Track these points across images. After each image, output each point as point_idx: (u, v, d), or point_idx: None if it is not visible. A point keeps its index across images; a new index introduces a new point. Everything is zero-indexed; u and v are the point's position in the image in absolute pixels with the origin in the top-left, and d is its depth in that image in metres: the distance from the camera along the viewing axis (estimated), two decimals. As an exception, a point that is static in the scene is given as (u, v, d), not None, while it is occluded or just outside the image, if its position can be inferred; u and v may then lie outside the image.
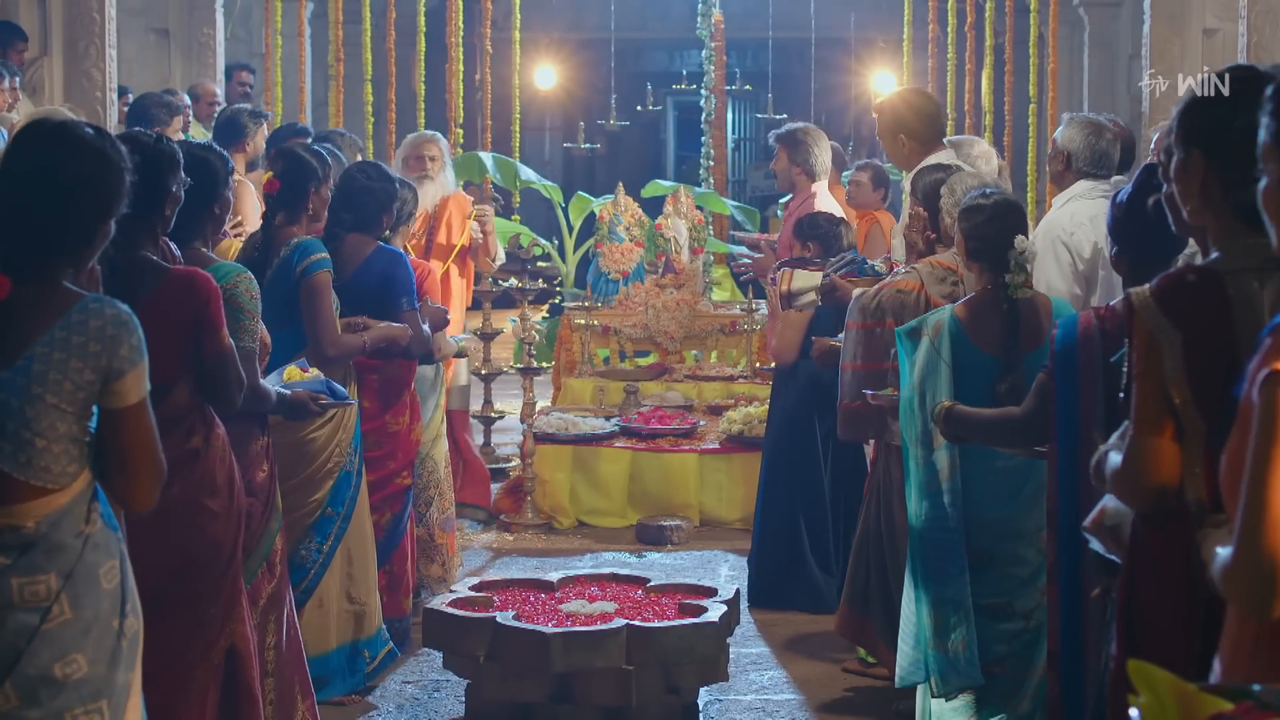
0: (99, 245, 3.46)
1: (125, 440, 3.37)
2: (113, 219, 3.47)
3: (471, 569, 7.92)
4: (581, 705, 5.58)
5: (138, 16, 12.32)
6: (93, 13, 9.53)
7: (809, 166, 8.14)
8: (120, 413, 3.34)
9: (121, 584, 3.43)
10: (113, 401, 3.33)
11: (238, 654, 4.43)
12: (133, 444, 3.37)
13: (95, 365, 3.28)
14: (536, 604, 5.86)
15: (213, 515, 4.36)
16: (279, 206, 5.91)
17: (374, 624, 6.14)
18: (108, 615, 3.38)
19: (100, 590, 3.37)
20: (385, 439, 6.41)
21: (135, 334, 3.33)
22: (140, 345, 3.34)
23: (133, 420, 3.36)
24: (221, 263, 4.94)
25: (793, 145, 8.15)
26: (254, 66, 13.63)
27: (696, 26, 13.81)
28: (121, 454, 3.37)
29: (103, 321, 3.29)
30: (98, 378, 3.29)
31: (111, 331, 3.29)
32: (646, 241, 10.95)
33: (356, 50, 13.00)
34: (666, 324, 10.56)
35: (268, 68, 12.35)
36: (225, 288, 4.82)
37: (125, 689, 3.41)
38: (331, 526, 5.99)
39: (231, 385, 4.36)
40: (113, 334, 3.29)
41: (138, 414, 3.36)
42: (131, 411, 3.35)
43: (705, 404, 9.95)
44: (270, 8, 12.23)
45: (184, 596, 4.29)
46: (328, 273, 5.89)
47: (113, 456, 3.38)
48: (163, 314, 4.13)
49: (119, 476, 3.40)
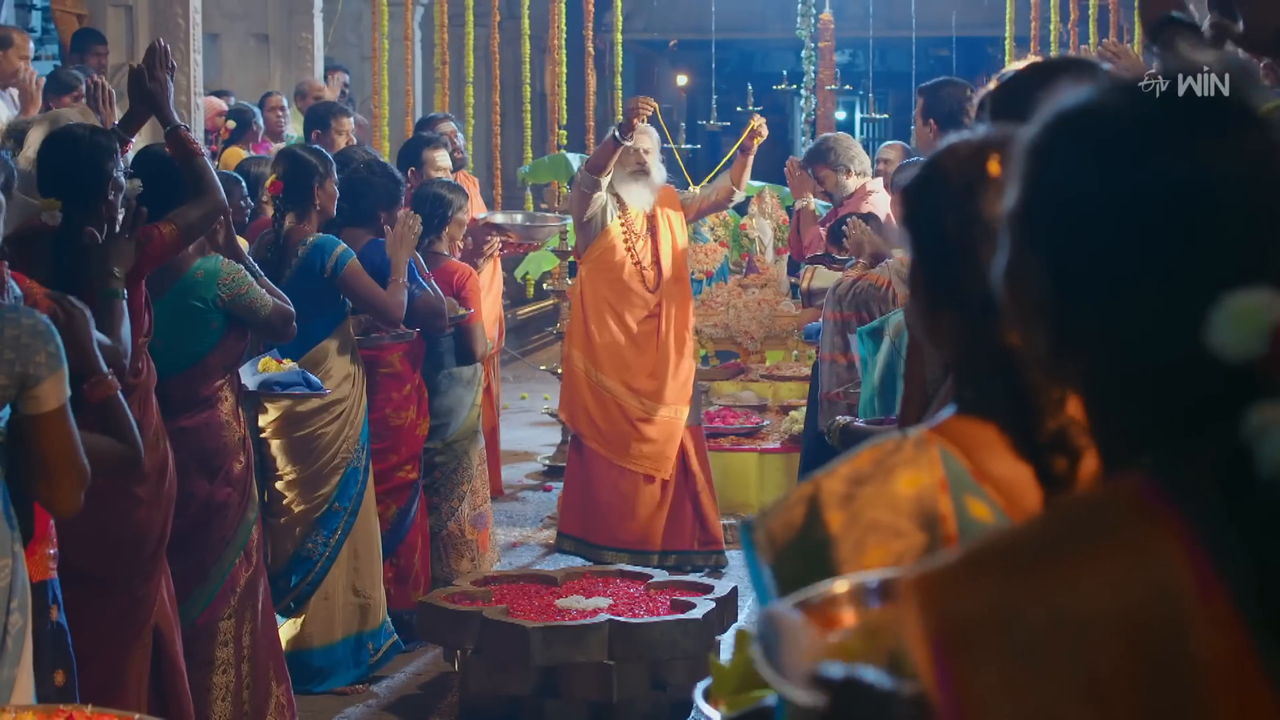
0: None
1: (46, 446, 3.45)
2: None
3: (520, 565, 7.99)
4: (566, 700, 5.64)
5: (238, 21, 12.65)
6: (178, 19, 9.81)
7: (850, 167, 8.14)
8: (40, 419, 3.43)
9: (12, 582, 3.52)
10: (32, 407, 3.42)
11: (159, 631, 4.61)
12: (53, 449, 3.46)
13: (9, 371, 3.37)
14: (534, 599, 5.93)
15: (138, 500, 4.52)
16: (287, 207, 6.08)
17: (379, 617, 6.26)
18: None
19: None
20: (387, 432, 6.52)
21: (53, 342, 3.42)
22: (59, 353, 3.42)
23: (53, 426, 3.45)
24: (200, 260, 5.09)
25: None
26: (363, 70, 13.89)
27: (797, 27, 13.77)
28: (43, 460, 3.46)
29: (18, 330, 3.39)
30: (11, 383, 3.38)
31: (26, 340, 3.38)
32: (731, 241, 10.96)
33: (461, 53, 13.20)
34: (747, 324, 10.55)
35: (374, 71, 12.59)
36: (219, 294, 5.03)
37: (8, 684, 3.51)
38: (338, 521, 6.12)
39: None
40: (28, 342, 3.38)
41: (58, 420, 3.45)
42: (51, 417, 3.44)
43: (779, 404, 9.93)
44: (378, 12, 12.48)
45: (114, 577, 4.45)
46: (354, 259, 6.08)
47: (35, 462, 3.46)
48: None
49: (41, 481, 3.48)
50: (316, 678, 6.11)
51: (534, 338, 14.41)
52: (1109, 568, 1.16)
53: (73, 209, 4.45)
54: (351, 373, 6.14)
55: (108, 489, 4.38)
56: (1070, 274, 1.27)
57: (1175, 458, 1.22)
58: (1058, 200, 1.28)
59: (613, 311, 7.82)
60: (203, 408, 5.12)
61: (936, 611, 1.17)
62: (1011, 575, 1.17)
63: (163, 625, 4.62)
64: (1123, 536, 1.18)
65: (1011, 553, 1.19)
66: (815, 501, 1.67)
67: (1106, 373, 1.28)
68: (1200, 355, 1.20)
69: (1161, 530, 1.17)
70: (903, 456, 1.69)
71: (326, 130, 8.91)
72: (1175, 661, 1.13)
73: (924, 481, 1.67)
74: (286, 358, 5.78)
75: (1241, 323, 1.17)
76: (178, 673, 4.69)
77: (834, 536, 1.65)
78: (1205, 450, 1.20)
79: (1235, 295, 1.18)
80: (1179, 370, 1.23)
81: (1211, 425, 1.20)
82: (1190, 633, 1.14)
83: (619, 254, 7.73)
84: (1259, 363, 1.17)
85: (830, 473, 1.70)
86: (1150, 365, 1.25)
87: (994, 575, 1.18)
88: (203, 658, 5.15)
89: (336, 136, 8.87)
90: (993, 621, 1.15)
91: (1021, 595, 1.15)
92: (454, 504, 7.18)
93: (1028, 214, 1.31)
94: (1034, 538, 1.21)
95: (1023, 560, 1.18)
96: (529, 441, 11.30)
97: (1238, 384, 1.19)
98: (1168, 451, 1.22)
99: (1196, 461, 1.21)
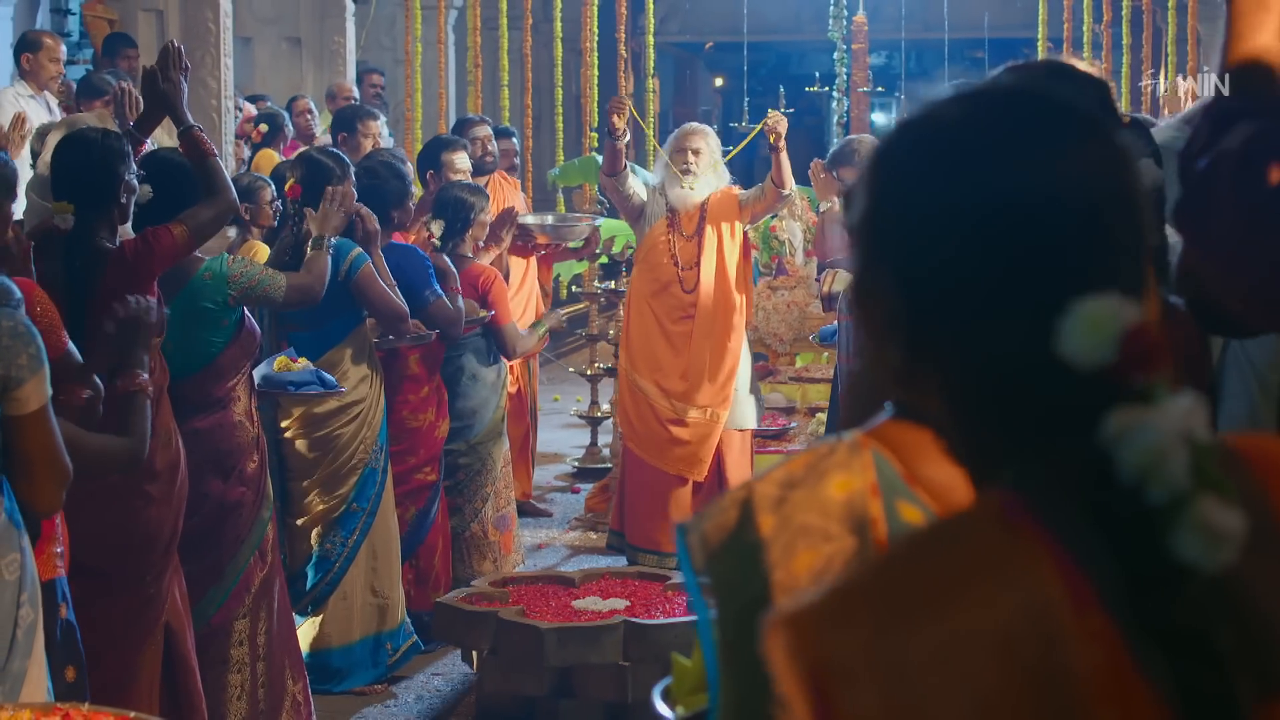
0: None
1: (27, 446, 3.51)
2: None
3: (545, 566, 8.02)
4: (581, 700, 5.67)
5: (270, 25, 12.73)
6: (208, 23, 9.88)
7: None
8: (21, 419, 3.49)
9: (21, 577, 3.57)
10: (14, 408, 3.48)
11: (171, 629, 4.66)
12: (35, 449, 3.51)
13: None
14: (550, 600, 5.96)
15: (150, 499, 4.58)
16: (305, 209, 6.11)
17: (397, 617, 6.30)
18: (8, 605, 3.54)
19: (2, 582, 3.53)
20: (405, 434, 6.56)
21: (34, 344, 3.47)
22: (39, 354, 3.47)
23: (34, 426, 3.50)
24: (208, 260, 5.14)
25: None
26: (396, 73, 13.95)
27: (828, 29, 13.77)
28: (24, 459, 3.52)
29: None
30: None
31: (8, 342, 3.43)
32: (761, 243, 10.95)
33: (495, 57, 13.25)
34: (776, 326, 10.56)
35: (408, 75, 12.65)
36: (229, 291, 5.08)
37: (20, 676, 3.57)
38: (356, 521, 6.16)
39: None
40: (9, 344, 3.43)
41: (39, 420, 3.50)
42: (32, 418, 3.49)
43: (807, 406, 9.93)
44: (411, 15, 12.54)
45: (126, 575, 4.51)
46: (370, 264, 6.12)
47: (16, 461, 3.52)
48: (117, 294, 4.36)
49: (23, 480, 3.54)
50: (335, 678, 6.16)
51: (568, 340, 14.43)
52: (980, 589, 1.15)
53: (85, 212, 4.51)
54: (369, 374, 6.18)
55: (120, 487, 4.46)
56: (919, 286, 1.27)
57: (1036, 470, 1.21)
58: (903, 211, 1.28)
59: (650, 311, 7.87)
60: (216, 408, 5.17)
61: (811, 652, 1.15)
62: (884, 609, 1.16)
63: (174, 623, 4.68)
64: (990, 555, 1.17)
65: (881, 586, 1.18)
66: (748, 505, 1.68)
67: (961, 385, 1.27)
68: (1053, 364, 1.19)
69: (1028, 545, 1.17)
70: (835, 460, 1.70)
71: (353, 133, 8.96)
72: (1054, 676, 1.13)
73: (855, 485, 1.68)
74: (302, 357, 5.82)
75: (1091, 330, 1.17)
76: (190, 670, 4.74)
77: (765, 540, 1.66)
78: (1065, 460, 1.20)
79: (1084, 302, 1.18)
80: (1033, 380, 1.22)
81: (1070, 433, 1.19)
82: (1066, 646, 1.13)
83: (660, 254, 7.77)
84: (1110, 369, 1.17)
85: (764, 476, 1.71)
86: (1003, 376, 1.24)
87: (865, 611, 1.16)
88: (218, 656, 5.20)
89: (363, 139, 8.91)
90: (870, 658, 1.14)
91: (895, 630, 1.14)
92: (477, 505, 7.22)
93: (874, 226, 1.31)
94: (902, 568, 1.19)
95: (893, 593, 1.17)
96: (559, 443, 11.32)
97: (1093, 391, 1.18)
98: (1028, 464, 1.22)
99: (1057, 471, 1.20)
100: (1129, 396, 1.17)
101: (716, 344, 7.66)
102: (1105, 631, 1.14)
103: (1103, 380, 1.18)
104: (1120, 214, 1.25)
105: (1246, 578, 1.19)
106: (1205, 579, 1.15)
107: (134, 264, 4.56)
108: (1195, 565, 1.14)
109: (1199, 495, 1.14)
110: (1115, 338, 1.17)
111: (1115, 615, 1.15)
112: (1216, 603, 1.16)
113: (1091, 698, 1.13)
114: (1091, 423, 1.17)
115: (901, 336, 1.29)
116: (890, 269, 1.29)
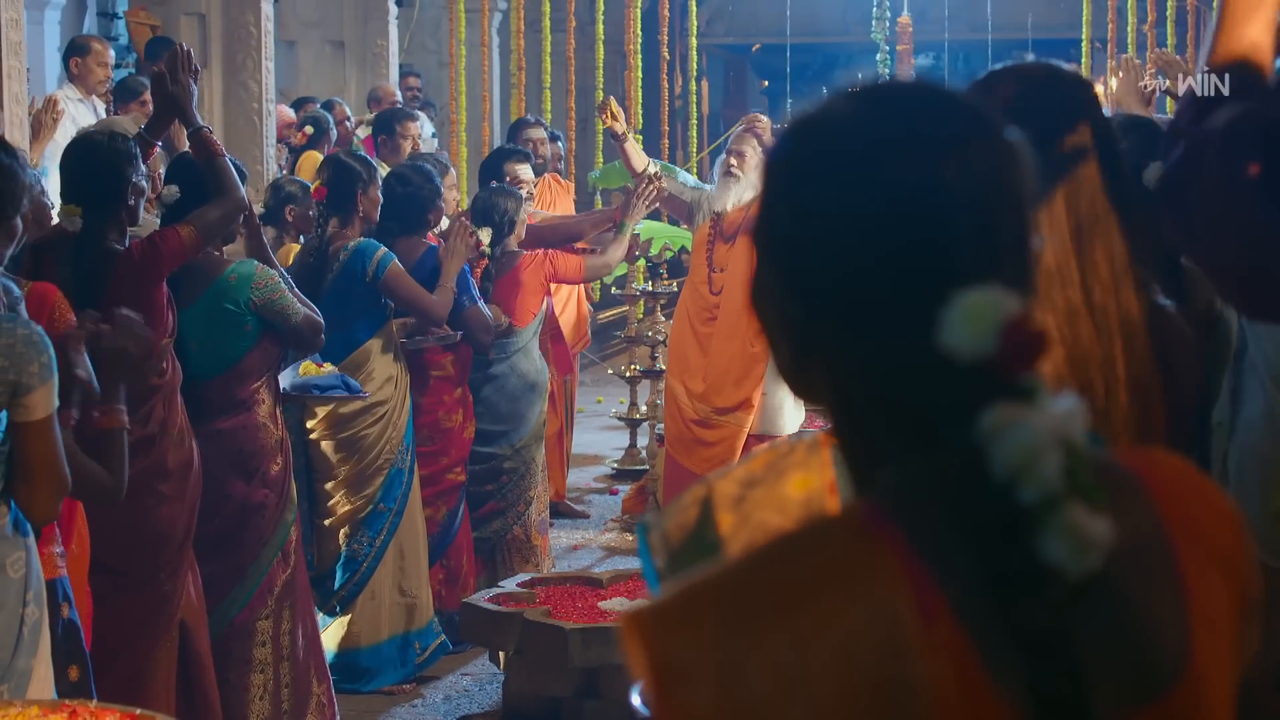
0: (3, 247, 3.66)
1: (30, 453, 3.55)
2: (13, 219, 3.66)
3: (580, 568, 8.02)
4: (606, 700, 5.67)
5: (313, 29, 12.80)
6: (249, 27, 9.94)
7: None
8: (27, 426, 3.53)
9: (26, 575, 3.61)
10: (21, 415, 3.51)
11: (186, 626, 4.71)
12: (37, 457, 3.55)
13: (2, 379, 3.47)
14: (577, 601, 5.97)
15: (162, 497, 4.63)
16: (330, 212, 6.16)
17: (425, 616, 6.32)
18: (14, 604, 3.57)
19: (7, 580, 3.56)
20: (438, 435, 6.59)
21: (45, 353, 3.51)
22: (50, 364, 3.51)
23: (38, 434, 3.54)
24: (236, 263, 5.18)
25: None
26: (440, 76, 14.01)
27: (872, 30, 13.74)
28: (26, 466, 3.55)
29: (13, 340, 3.48)
30: (4, 390, 3.48)
31: (21, 349, 3.47)
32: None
33: (538, 59, 13.28)
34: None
35: (451, 77, 12.70)
36: (252, 298, 5.10)
37: (26, 674, 3.60)
38: (384, 522, 6.19)
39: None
40: (22, 351, 3.46)
41: (44, 429, 3.54)
42: (38, 426, 3.53)
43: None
44: (455, 18, 12.58)
45: (141, 572, 4.55)
46: (396, 262, 6.15)
47: (18, 467, 3.56)
48: (125, 295, 4.41)
49: (22, 486, 3.57)
50: (363, 677, 6.19)
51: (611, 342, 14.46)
52: (827, 598, 1.14)
53: (92, 215, 4.55)
54: (394, 375, 6.21)
55: (133, 486, 4.48)
56: (807, 283, 1.26)
57: (903, 474, 1.20)
58: (788, 210, 1.27)
59: (684, 311, 7.91)
60: (239, 410, 5.19)
61: (654, 652, 1.15)
62: (729, 612, 1.15)
63: (189, 621, 4.72)
64: (842, 565, 1.16)
65: (729, 590, 1.17)
66: (708, 503, 1.69)
67: (847, 384, 1.26)
68: (935, 360, 1.19)
69: (879, 554, 1.16)
70: (795, 459, 1.70)
71: (392, 135, 9.00)
72: (896, 689, 1.12)
73: (814, 484, 1.68)
74: (327, 361, 5.85)
75: (972, 320, 1.16)
76: (204, 667, 4.78)
77: (724, 538, 1.67)
78: (936, 461, 1.19)
79: (966, 294, 1.17)
80: (915, 377, 1.21)
81: (948, 431, 1.18)
82: (911, 658, 1.12)
83: (700, 255, 7.81)
84: (991, 362, 1.16)
85: (725, 475, 1.72)
86: (887, 373, 1.23)
87: (710, 614, 1.15)
88: (241, 657, 5.23)
89: (402, 141, 8.96)
90: (708, 659, 1.14)
91: (738, 634, 1.14)
92: (520, 509, 7.23)
93: (764, 225, 1.30)
94: (752, 573, 1.19)
95: (739, 597, 1.16)
96: (599, 445, 11.34)
97: (974, 387, 1.17)
98: (899, 468, 1.21)
99: (925, 474, 1.19)
100: (1009, 394, 1.16)
101: (739, 347, 7.63)
102: (954, 642, 1.13)
103: (983, 375, 1.17)
104: (1006, 211, 1.24)
105: (1122, 587, 1.18)
106: (1069, 583, 1.14)
107: (142, 265, 4.60)
108: (1060, 568, 1.13)
109: (1069, 498, 1.13)
110: (996, 328, 1.16)
111: (969, 623, 1.13)
112: (1081, 608, 1.15)
113: (936, 710, 1.12)
114: (969, 420, 1.17)
115: (793, 336, 1.29)
116: (778, 268, 1.29)
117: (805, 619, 1.13)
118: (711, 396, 7.64)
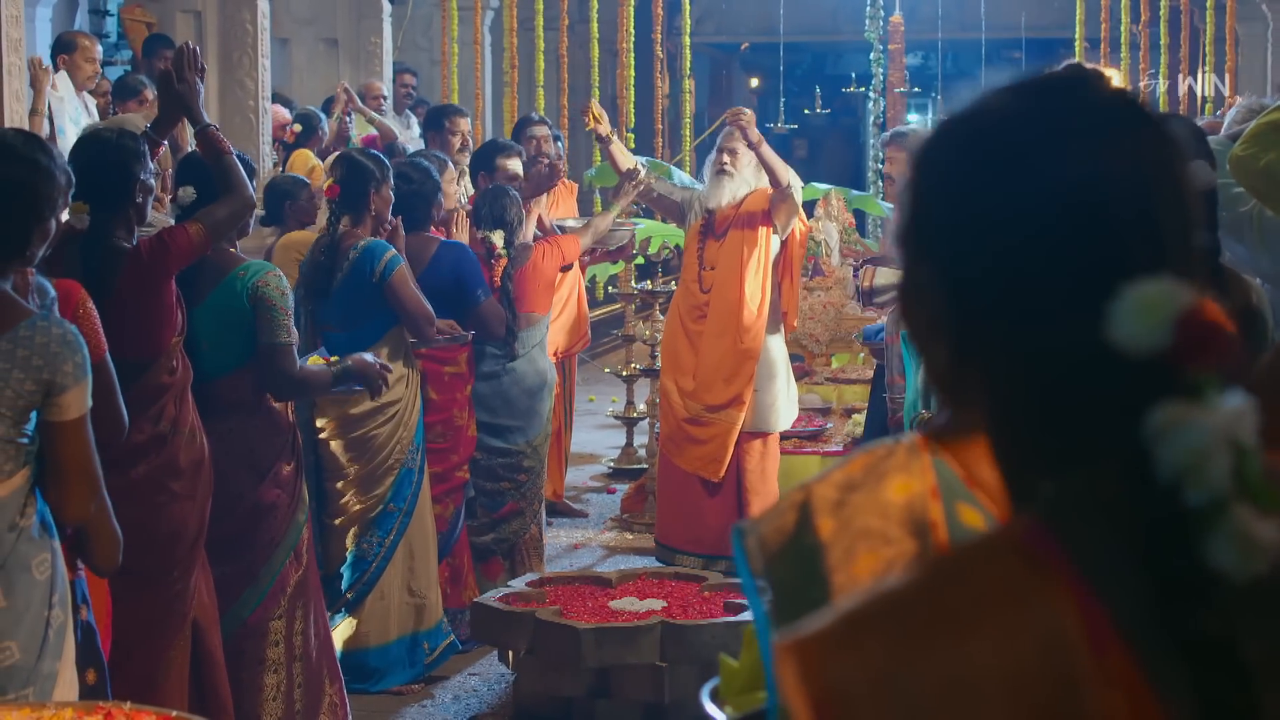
0: (38, 246, 3.64)
1: (63, 453, 3.54)
2: (49, 220, 3.64)
3: (581, 567, 8.01)
4: (618, 700, 5.66)
5: (307, 26, 12.76)
6: (246, 25, 9.90)
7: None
8: (60, 426, 3.52)
9: (52, 577, 3.59)
10: (54, 414, 3.51)
11: (199, 625, 4.71)
12: (69, 457, 3.54)
13: (37, 378, 3.46)
14: (588, 600, 5.95)
15: (174, 495, 4.62)
16: (342, 210, 6.13)
17: (434, 616, 6.30)
18: (39, 606, 3.55)
19: (33, 581, 3.54)
20: (451, 432, 6.59)
21: (79, 353, 3.50)
22: (84, 364, 3.51)
23: (71, 434, 3.53)
24: (250, 261, 5.15)
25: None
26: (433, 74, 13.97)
27: (865, 29, 13.73)
28: (58, 465, 3.55)
29: (48, 339, 3.47)
30: (39, 389, 3.47)
31: (56, 349, 3.47)
32: (798, 244, 10.92)
33: (531, 57, 13.25)
34: (812, 327, 10.52)
35: (444, 75, 12.67)
36: (255, 285, 5.05)
37: (51, 677, 3.58)
38: (393, 521, 6.17)
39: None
40: (57, 351, 3.47)
41: (77, 429, 3.54)
42: (71, 426, 3.53)
43: (843, 406, 9.90)
44: (447, 16, 12.55)
45: (153, 571, 4.53)
46: (403, 266, 6.11)
47: (50, 467, 3.56)
48: (134, 293, 4.39)
49: (54, 486, 3.57)
50: (372, 677, 6.16)
51: (604, 341, 14.45)
52: (995, 625, 1.10)
53: (101, 212, 4.53)
54: (405, 374, 6.18)
55: (144, 484, 4.51)
56: (965, 282, 1.23)
57: (1064, 487, 1.16)
58: (947, 208, 1.25)
59: (676, 309, 7.90)
60: (251, 409, 5.17)
61: (817, 678, 1.12)
62: (894, 638, 1.12)
63: (202, 619, 4.71)
64: (1007, 588, 1.12)
65: (894, 614, 1.14)
66: (806, 508, 1.67)
67: (1006, 387, 1.23)
68: (1101, 358, 1.15)
69: (1047, 578, 1.12)
70: (895, 462, 1.68)
71: (440, 130, 9.02)
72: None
73: (915, 488, 1.65)
74: (335, 357, 5.82)
75: (1144, 313, 1.13)
76: (217, 666, 4.77)
77: (824, 543, 1.65)
78: (1098, 470, 1.15)
79: (1137, 285, 1.14)
80: (1080, 375, 1.18)
81: (1113, 432, 1.14)
82: (1083, 690, 1.08)
83: (691, 252, 7.80)
84: (1165, 355, 1.13)
85: (823, 478, 1.69)
86: (1050, 374, 1.20)
87: (876, 639, 1.12)
88: (254, 657, 5.21)
89: (451, 137, 8.99)
90: (876, 689, 1.10)
91: (905, 660, 1.10)
92: (536, 507, 7.24)
93: (919, 224, 1.27)
94: (916, 596, 1.15)
95: (905, 621, 1.12)
96: (595, 444, 11.33)
97: (1142, 385, 1.14)
98: (1061, 483, 1.17)
99: (1086, 485, 1.15)
100: (1179, 390, 1.12)
101: (729, 345, 7.61)
102: (1128, 676, 1.10)
103: (1154, 371, 1.13)
104: (1170, 202, 1.21)
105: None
106: (1236, 589, 1.10)
107: (150, 263, 4.58)
108: (1227, 573, 1.10)
109: (1238, 501, 1.10)
110: (1170, 320, 1.12)
111: (1134, 640, 1.10)
112: (1246, 614, 1.11)
113: None
114: (1134, 421, 1.13)
115: (948, 338, 1.26)
116: (935, 267, 1.26)
117: (975, 644, 1.10)
118: (702, 394, 7.63)
